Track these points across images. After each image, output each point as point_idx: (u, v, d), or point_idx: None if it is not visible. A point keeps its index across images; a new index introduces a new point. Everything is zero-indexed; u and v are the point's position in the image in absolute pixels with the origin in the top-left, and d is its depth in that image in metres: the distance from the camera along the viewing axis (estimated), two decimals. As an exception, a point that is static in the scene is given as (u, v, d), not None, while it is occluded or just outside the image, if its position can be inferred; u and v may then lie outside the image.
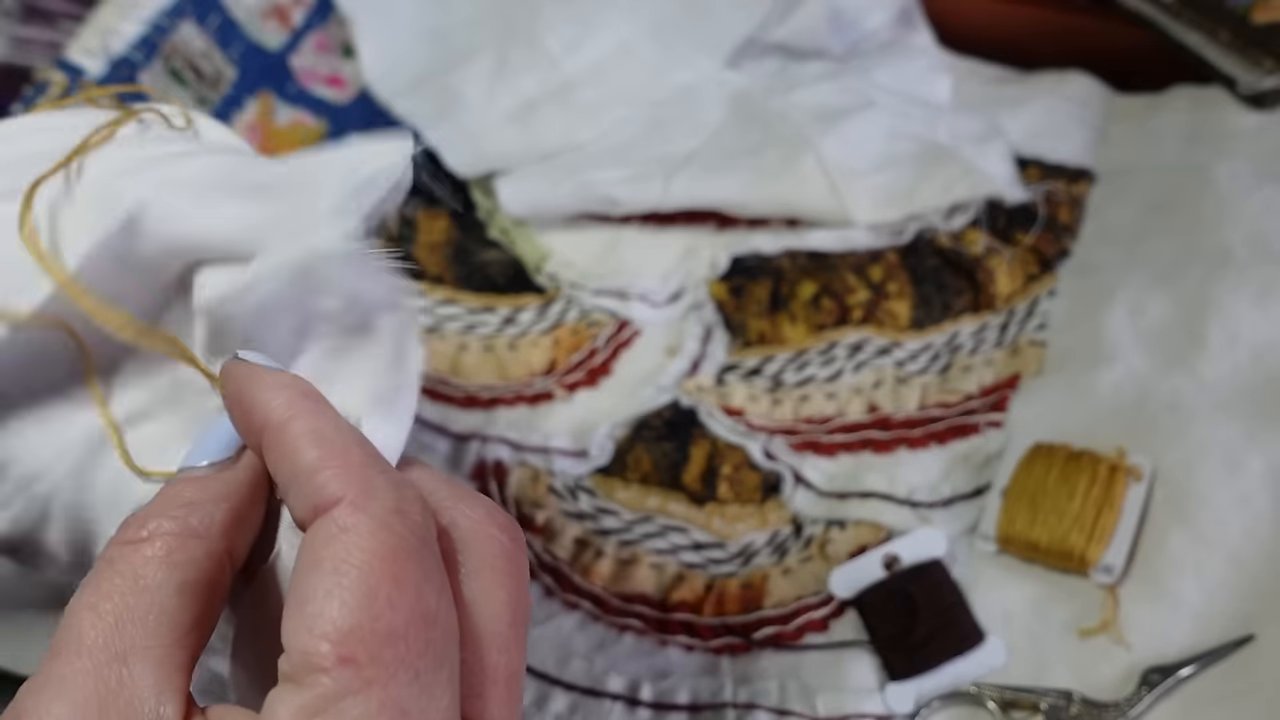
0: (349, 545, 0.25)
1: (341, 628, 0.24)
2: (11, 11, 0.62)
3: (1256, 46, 0.59)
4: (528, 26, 0.65)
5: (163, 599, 0.26)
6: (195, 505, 0.27)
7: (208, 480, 0.27)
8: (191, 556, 0.26)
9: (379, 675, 0.24)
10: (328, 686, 0.24)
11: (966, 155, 0.59)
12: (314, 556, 0.25)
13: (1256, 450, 0.47)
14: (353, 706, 0.23)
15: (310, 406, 0.27)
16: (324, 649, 0.24)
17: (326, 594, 0.24)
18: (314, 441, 0.26)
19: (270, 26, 0.67)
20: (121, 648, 0.25)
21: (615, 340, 0.57)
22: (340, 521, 0.25)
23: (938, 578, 0.47)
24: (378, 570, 0.24)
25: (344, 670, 0.24)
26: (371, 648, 0.24)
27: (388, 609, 0.24)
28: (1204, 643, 0.44)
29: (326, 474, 0.26)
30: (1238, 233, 0.54)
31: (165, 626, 0.25)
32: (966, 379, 0.53)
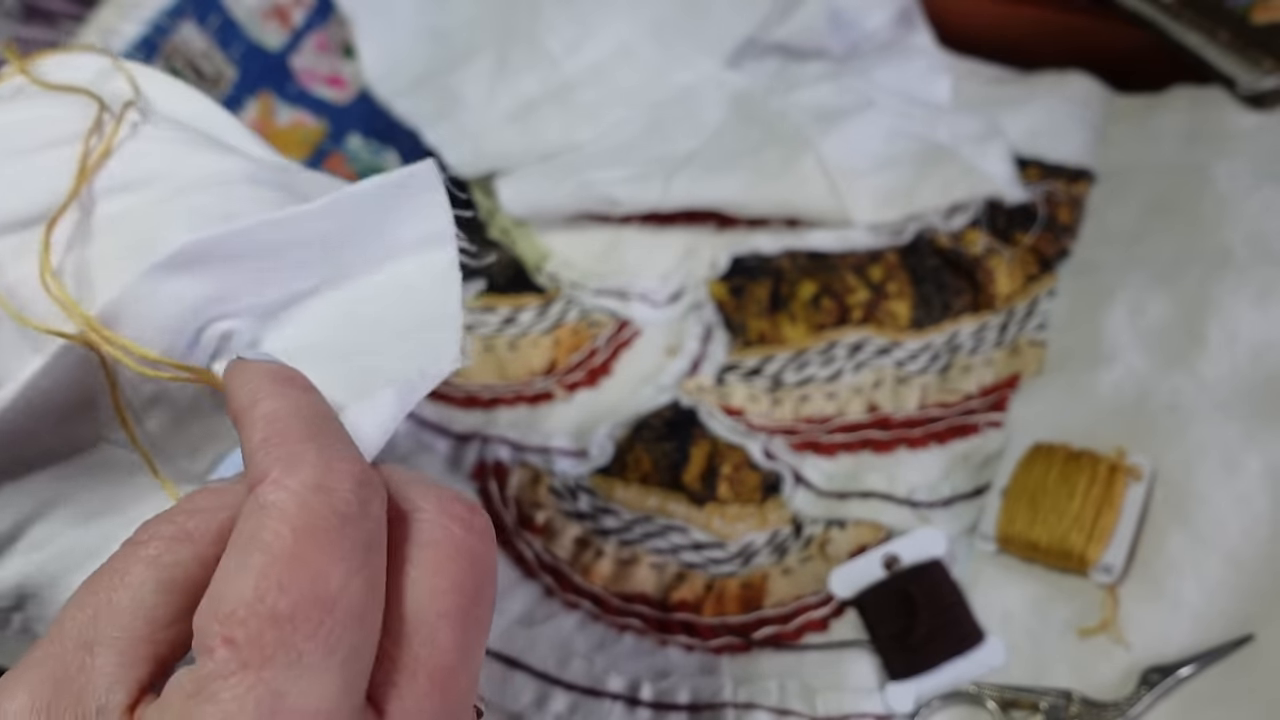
0: (261, 522, 0.24)
1: (230, 608, 0.24)
2: (12, 12, 0.62)
3: (1256, 47, 0.59)
4: (528, 27, 0.65)
5: (141, 595, 0.25)
6: (197, 512, 0.27)
7: (221, 490, 0.27)
8: (178, 558, 0.26)
9: (254, 658, 0.23)
10: (209, 667, 0.23)
11: (966, 155, 0.59)
12: (235, 532, 0.25)
13: (1256, 450, 0.47)
14: (224, 688, 0.23)
15: (276, 390, 0.27)
16: (213, 629, 0.24)
17: (230, 573, 0.24)
18: (266, 422, 0.26)
19: (270, 27, 0.67)
20: (90, 637, 0.25)
21: (615, 340, 0.57)
22: (261, 498, 0.25)
23: (937, 577, 0.47)
24: (277, 549, 0.24)
25: (224, 650, 0.23)
26: (251, 629, 0.23)
27: (275, 590, 0.24)
28: (1203, 642, 0.44)
29: (263, 451, 0.26)
30: (1237, 233, 0.54)
31: (139, 620, 0.25)
32: (966, 379, 0.53)
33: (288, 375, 0.28)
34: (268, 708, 0.23)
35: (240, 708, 0.23)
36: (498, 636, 0.48)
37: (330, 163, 0.65)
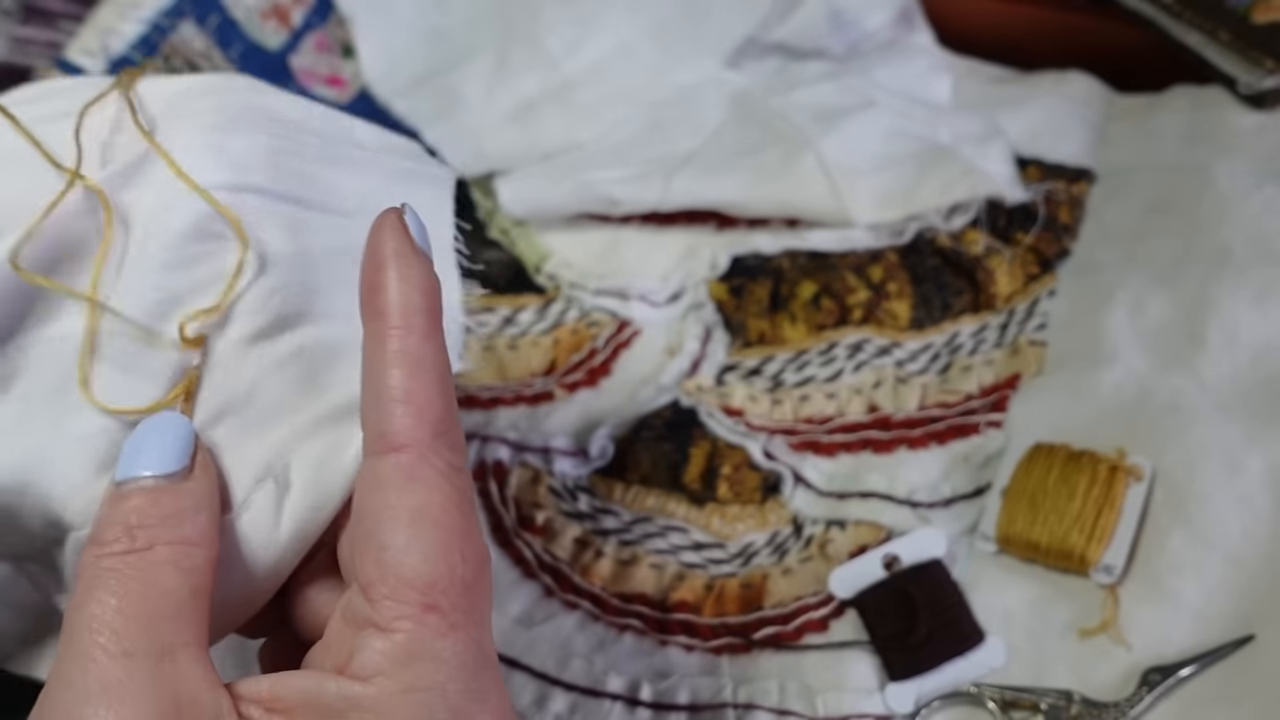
0: (422, 496, 0.27)
1: (426, 578, 0.26)
2: (11, 11, 0.62)
3: (1257, 46, 0.59)
4: (528, 26, 0.65)
5: (181, 601, 0.27)
6: (182, 515, 0.28)
7: (176, 490, 0.28)
8: (196, 564, 0.27)
9: (460, 619, 0.27)
10: (417, 632, 0.26)
11: (967, 155, 0.59)
12: (385, 500, 0.27)
13: (1256, 450, 0.47)
14: (444, 648, 0.26)
15: (422, 326, 0.28)
16: (412, 597, 0.26)
17: (405, 545, 0.26)
18: (408, 369, 0.28)
19: (270, 26, 0.67)
20: (163, 647, 0.26)
21: (615, 340, 0.57)
22: (408, 470, 0.27)
23: (938, 578, 0.47)
24: (447, 524, 0.27)
25: (430, 617, 0.26)
26: (452, 597, 0.26)
27: (461, 562, 0.27)
28: (1204, 643, 0.44)
29: (404, 413, 0.28)
30: (1238, 233, 0.54)
31: (190, 625, 0.27)
32: (966, 379, 0.53)
33: (434, 296, 0.29)
34: (475, 658, 0.27)
35: (460, 662, 0.26)
36: (498, 637, 0.48)
37: (330, 163, 0.65)
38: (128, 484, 0.28)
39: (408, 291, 0.28)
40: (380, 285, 0.28)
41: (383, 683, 0.26)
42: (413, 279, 0.28)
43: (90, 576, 0.27)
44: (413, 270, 0.29)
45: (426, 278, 0.29)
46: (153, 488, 0.28)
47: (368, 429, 0.28)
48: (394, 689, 0.26)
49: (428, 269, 0.29)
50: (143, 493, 0.28)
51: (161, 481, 0.28)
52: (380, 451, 0.27)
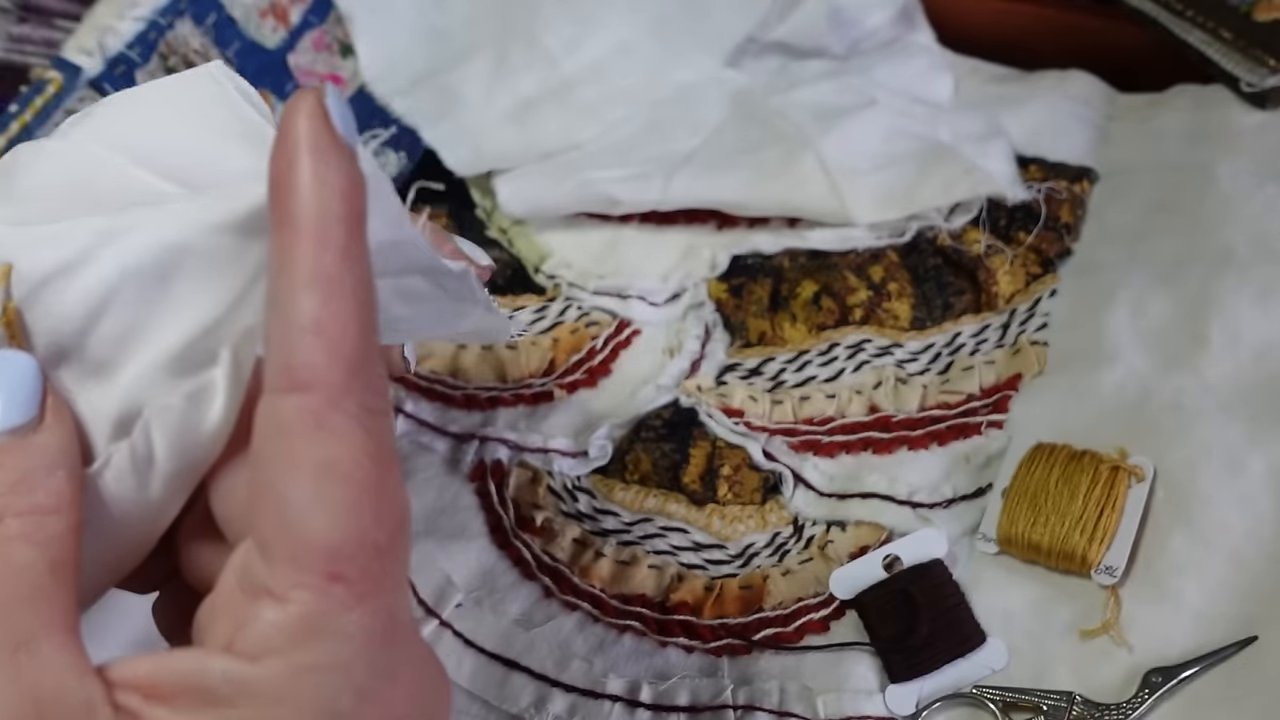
0: (330, 447, 0.23)
1: (332, 543, 0.23)
2: (8, 10, 0.62)
3: (1259, 45, 0.58)
4: (527, 26, 0.65)
5: (37, 579, 0.24)
6: (34, 477, 0.24)
7: (25, 446, 0.24)
8: (55, 533, 0.24)
9: (369, 589, 0.23)
10: (319, 604, 0.23)
11: (967, 154, 0.59)
12: (287, 448, 0.23)
13: (1258, 451, 0.47)
14: (348, 623, 0.23)
15: (341, 239, 0.23)
16: (314, 564, 0.23)
17: (310, 505, 0.23)
18: (321, 293, 0.23)
19: (268, 25, 0.67)
20: (20, 636, 0.23)
21: (615, 340, 0.57)
22: (316, 415, 0.23)
23: (939, 579, 0.47)
24: (358, 479, 0.23)
25: (335, 587, 0.23)
26: (360, 564, 0.23)
27: (373, 524, 0.23)
28: (1206, 644, 0.44)
29: (313, 346, 0.23)
30: (1240, 232, 0.53)
31: (52, 606, 0.24)
32: (967, 379, 0.53)
33: (358, 198, 0.24)
34: (385, 631, 0.23)
35: (368, 637, 0.23)
36: (497, 638, 0.48)
37: (328, 162, 0.65)
38: None
39: (324, 194, 0.23)
40: (291, 185, 0.23)
41: (273, 663, 0.23)
42: (331, 179, 0.23)
43: None
44: (330, 168, 0.23)
45: (347, 178, 0.23)
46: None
47: (270, 359, 0.23)
48: (287, 669, 0.23)
49: (349, 167, 0.23)
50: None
51: (4, 437, 0.24)
52: (284, 389, 0.23)
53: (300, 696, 0.23)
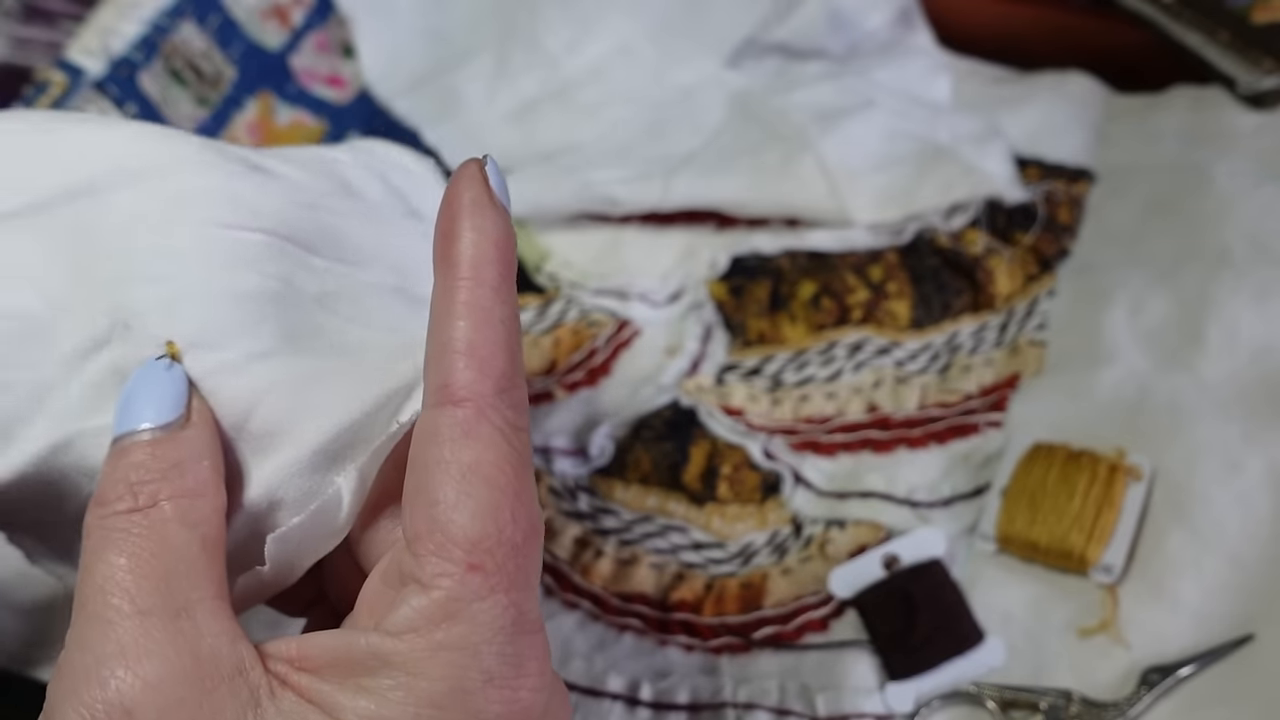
0: (477, 452, 0.26)
1: (472, 536, 0.26)
2: (12, 11, 0.62)
3: (1256, 46, 0.59)
4: (527, 27, 0.65)
5: (191, 555, 0.26)
6: (183, 465, 0.27)
7: (175, 440, 0.28)
8: (204, 515, 0.27)
9: (503, 582, 0.26)
10: (457, 590, 0.26)
11: (966, 155, 0.59)
12: (439, 454, 0.26)
13: (1256, 450, 0.47)
14: (481, 610, 0.26)
15: (493, 278, 0.28)
16: (456, 555, 0.26)
17: (456, 501, 0.26)
18: (474, 321, 0.27)
19: (270, 26, 0.67)
20: (179, 603, 0.26)
21: (615, 340, 0.57)
22: (465, 425, 0.26)
23: (938, 577, 0.47)
24: (503, 484, 0.26)
25: (473, 576, 0.26)
26: (498, 558, 0.26)
27: (511, 523, 0.26)
28: (1203, 642, 0.44)
29: (466, 365, 0.27)
30: (1237, 233, 0.54)
31: (204, 579, 0.26)
32: (966, 379, 0.53)
33: (508, 247, 0.28)
34: (513, 621, 0.26)
35: (498, 625, 0.26)
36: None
37: (330, 163, 0.65)
38: (125, 439, 0.28)
39: (481, 242, 0.28)
40: (454, 234, 0.28)
41: (414, 639, 0.26)
42: (487, 230, 0.28)
43: (98, 538, 0.26)
44: (488, 221, 0.28)
45: (502, 230, 0.28)
46: (150, 440, 0.27)
47: (429, 380, 0.27)
48: (425, 646, 0.26)
49: (504, 222, 0.28)
50: (141, 446, 0.27)
51: (159, 433, 0.27)
52: (439, 404, 0.27)
53: (434, 672, 0.25)
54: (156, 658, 0.25)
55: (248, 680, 0.26)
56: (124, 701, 0.24)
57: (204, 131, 0.64)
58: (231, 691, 0.25)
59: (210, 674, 0.25)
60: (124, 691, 0.25)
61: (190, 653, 0.25)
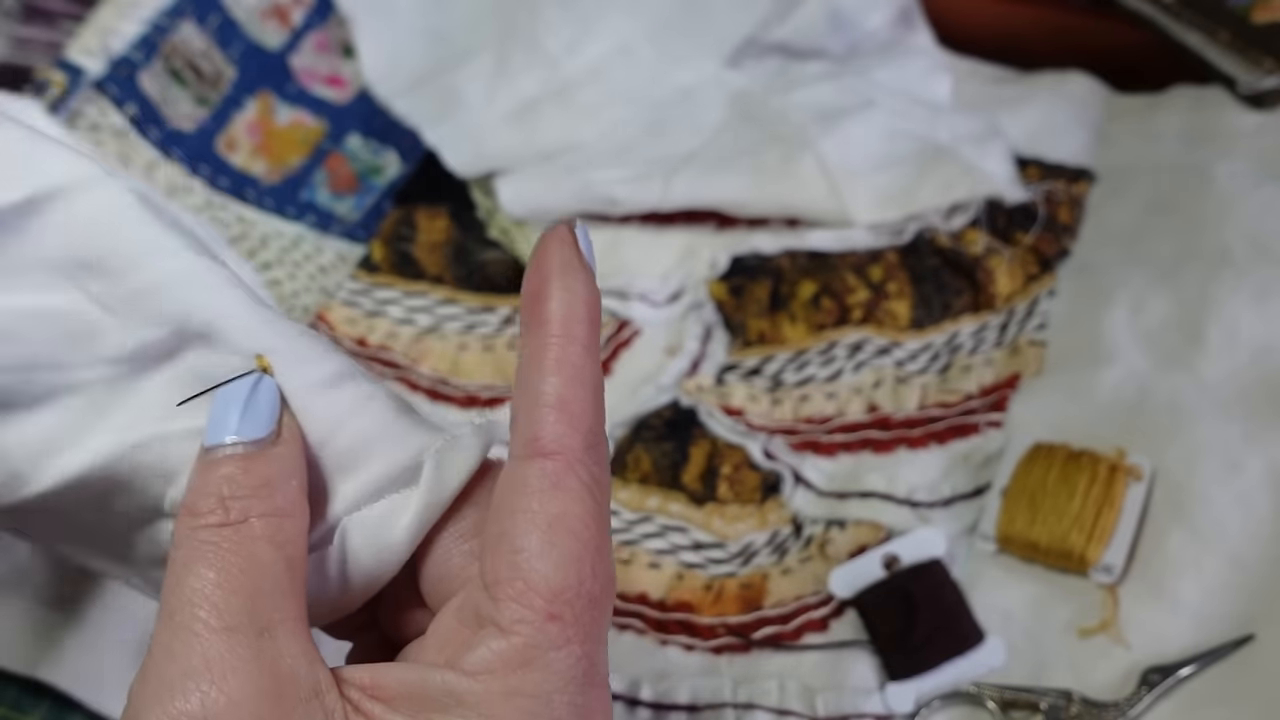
0: (564, 505, 0.27)
1: (554, 586, 0.26)
2: (11, 11, 0.62)
3: (1256, 46, 0.59)
4: (527, 27, 0.65)
5: (277, 575, 0.27)
6: (273, 483, 0.28)
7: (266, 456, 0.28)
8: (290, 535, 0.28)
9: (579, 634, 0.26)
10: (535, 638, 0.26)
11: (966, 155, 0.59)
12: (526, 504, 0.27)
13: (1256, 450, 0.47)
14: (558, 659, 0.26)
15: (583, 337, 0.28)
16: (537, 603, 0.26)
17: (540, 551, 0.26)
18: (565, 377, 0.28)
19: (270, 26, 0.67)
20: (264, 622, 0.26)
21: (615, 340, 0.57)
22: (554, 477, 0.27)
23: (938, 577, 0.47)
24: (587, 539, 0.27)
25: (551, 625, 0.26)
26: (576, 609, 0.26)
27: (590, 576, 0.27)
28: (1204, 643, 0.44)
29: (556, 419, 0.27)
30: (1237, 233, 0.54)
31: (288, 599, 0.27)
32: (966, 379, 0.53)
33: (595, 308, 0.29)
34: (585, 674, 0.27)
35: (571, 675, 0.26)
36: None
37: (330, 162, 0.65)
38: (217, 450, 0.28)
39: (571, 302, 0.28)
40: (544, 295, 0.28)
41: (490, 681, 0.26)
42: (577, 290, 0.28)
43: (188, 549, 0.27)
44: (577, 282, 0.29)
45: (590, 291, 0.29)
46: (243, 454, 0.28)
47: (517, 434, 0.28)
48: (500, 690, 0.26)
49: (592, 283, 0.29)
50: (233, 460, 0.28)
51: (251, 448, 0.28)
52: (528, 456, 0.27)
53: (506, 715, 0.26)
54: (240, 675, 0.25)
55: (323, 703, 0.26)
56: (206, 715, 0.25)
57: (204, 130, 0.64)
58: (307, 713, 0.26)
59: (289, 694, 0.26)
60: (208, 706, 0.25)
61: (271, 672, 0.26)
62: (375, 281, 0.61)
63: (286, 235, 0.62)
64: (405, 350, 0.58)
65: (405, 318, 0.59)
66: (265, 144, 0.65)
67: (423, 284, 0.60)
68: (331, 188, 0.64)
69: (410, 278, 0.61)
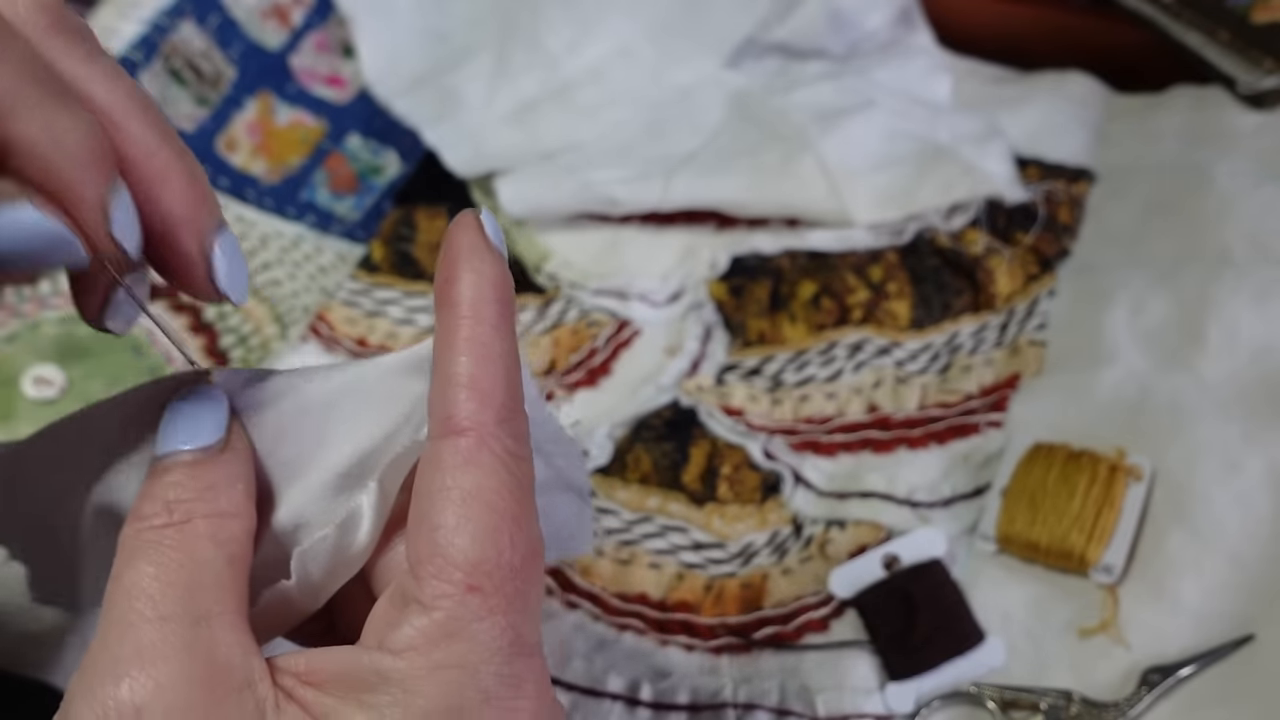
0: (479, 481, 0.27)
1: (471, 559, 0.27)
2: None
3: (1256, 46, 0.59)
4: (528, 27, 0.65)
5: (218, 570, 0.27)
6: (217, 487, 0.28)
7: (213, 463, 0.29)
8: (233, 534, 0.28)
9: (501, 604, 0.27)
10: (456, 610, 0.26)
11: (966, 155, 0.59)
12: (442, 482, 0.27)
13: (1256, 450, 0.47)
14: (481, 630, 0.26)
15: (493, 314, 0.29)
16: (456, 577, 0.26)
17: (456, 525, 0.27)
18: (475, 356, 0.28)
19: (270, 26, 0.67)
20: (199, 613, 0.27)
21: (615, 340, 0.57)
22: (466, 453, 0.27)
23: (938, 578, 0.47)
24: (503, 509, 0.27)
25: (471, 597, 0.26)
26: (496, 580, 0.27)
27: (509, 546, 0.27)
28: (1204, 643, 0.44)
29: (467, 397, 0.28)
30: (1237, 233, 0.54)
31: (227, 594, 0.27)
32: (966, 379, 0.53)
33: (505, 291, 0.29)
34: (510, 643, 0.27)
35: (496, 646, 0.27)
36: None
37: (330, 162, 0.65)
38: (166, 458, 0.29)
39: (479, 284, 0.29)
40: (453, 278, 0.29)
41: (414, 658, 0.26)
42: (485, 272, 0.29)
43: (130, 549, 0.27)
44: (485, 264, 0.29)
45: (498, 272, 0.29)
46: (190, 461, 0.29)
47: (433, 414, 0.28)
48: (425, 665, 0.26)
49: (500, 264, 0.29)
50: (180, 467, 0.29)
51: (198, 455, 0.29)
52: (443, 434, 0.28)
53: (433, 690, 0.26)
54: (171, 662, 0.26)
55: (255, 693, 0.26)
56: (135, 700, 0.25)
57: (204, 130, 0.64)
58: (239, 703, 0.26)
59: (221, 683, 0.26)
60: (136, 691, 0.25)
61: (204, 660, 0.26)
62: (375, 281, 0.61)
63: (286, 235, 0.62)
64: (405, 350, 0.58)
65: (405, 318, 0.59)
66: (265, 144, 0.65)
67: (423, 284, 0.60)
68: (331, 188, 0.64)
69: (410, 278, 0.61)
